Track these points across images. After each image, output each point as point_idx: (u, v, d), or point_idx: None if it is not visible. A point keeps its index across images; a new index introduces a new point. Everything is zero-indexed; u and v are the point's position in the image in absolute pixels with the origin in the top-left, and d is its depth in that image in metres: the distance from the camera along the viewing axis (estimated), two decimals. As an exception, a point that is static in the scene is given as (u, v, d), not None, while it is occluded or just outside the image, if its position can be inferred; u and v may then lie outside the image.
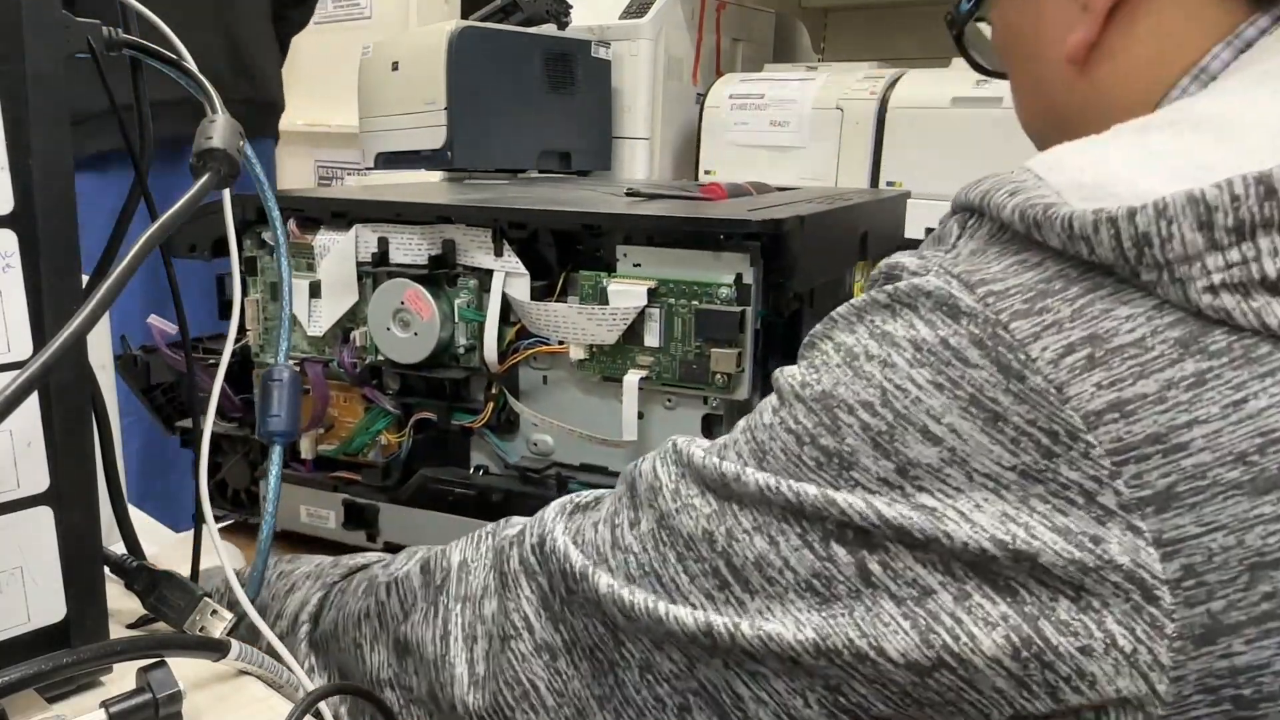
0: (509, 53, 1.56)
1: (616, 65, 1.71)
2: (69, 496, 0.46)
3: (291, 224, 0.69)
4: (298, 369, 0.60)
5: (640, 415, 0.60)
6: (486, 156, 1.53)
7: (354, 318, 0.68)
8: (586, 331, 0.59)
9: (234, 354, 0.61)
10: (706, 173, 1.68)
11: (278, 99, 1.62)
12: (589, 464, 0.64)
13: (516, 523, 0.49)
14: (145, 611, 0.57)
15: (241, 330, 0.62)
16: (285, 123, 2.51)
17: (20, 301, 0.44)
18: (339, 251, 0.66)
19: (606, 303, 0.58)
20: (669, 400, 0.60)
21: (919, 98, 1.43)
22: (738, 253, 0.56)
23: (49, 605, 0.47)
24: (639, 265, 0.59)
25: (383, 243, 0.65)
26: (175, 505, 1.23)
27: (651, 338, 0.58)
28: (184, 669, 0.47)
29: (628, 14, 1.71)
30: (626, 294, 0.58)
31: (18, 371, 0.39)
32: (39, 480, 0.45)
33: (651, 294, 0.58)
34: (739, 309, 0.56)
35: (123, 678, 0.47)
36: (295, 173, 2.47)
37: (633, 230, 0.59)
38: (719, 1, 1.79)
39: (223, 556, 0.53)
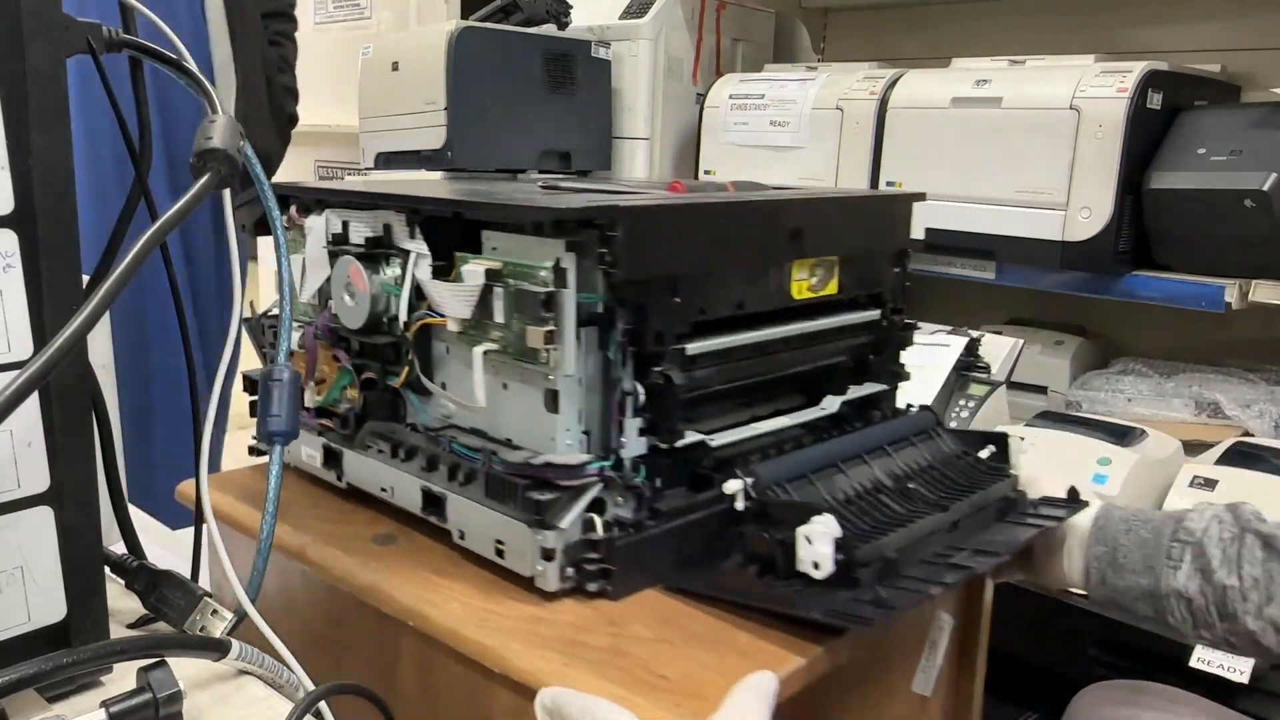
0: (509, 53, 1.56)
1: (616, 65, 1.71)
2: (69, 496, 0.46)
3: (292, 210, 0.79)
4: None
5: (504, 385, 0.67)
6: (486, 156, 1.53)
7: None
8: (451, 306, 0.67)
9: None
10: (707, 172, 1.68)
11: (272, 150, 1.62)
12: (474, 428, 0.71)
13: None
14: (145, 611, 0.57)
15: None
16: (285, 122, 2.52)
17: (20, 301, 0.44)
18: (315, 232, 0.77)
19: (462, 281, 0.66)
20: (522, 374, 0.66)
21: (919, 98, 1.43)
22: (556, 238, 0.62)
23: (49, 605, 0.47)
24: (495, 249, 0.66)
25: (344, 225, 0.74)
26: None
27: (497, 314, 0.64)
28: (184, 669, 0.47)
29: (628, 14, 1.71)
30: (472, 273, 0.65)
31: (18, 371, 0.39)
32: (39, 480, 0.45)
33: (496, 274, 0.64)
34: (545, 290, 0.61)
35: (123, 678, 0.47)
36: (296, 173, 2.47)
37: (489, 217, 0.66)
38: (719, 1, 1.79)
39: (223, 555, 0.53)
